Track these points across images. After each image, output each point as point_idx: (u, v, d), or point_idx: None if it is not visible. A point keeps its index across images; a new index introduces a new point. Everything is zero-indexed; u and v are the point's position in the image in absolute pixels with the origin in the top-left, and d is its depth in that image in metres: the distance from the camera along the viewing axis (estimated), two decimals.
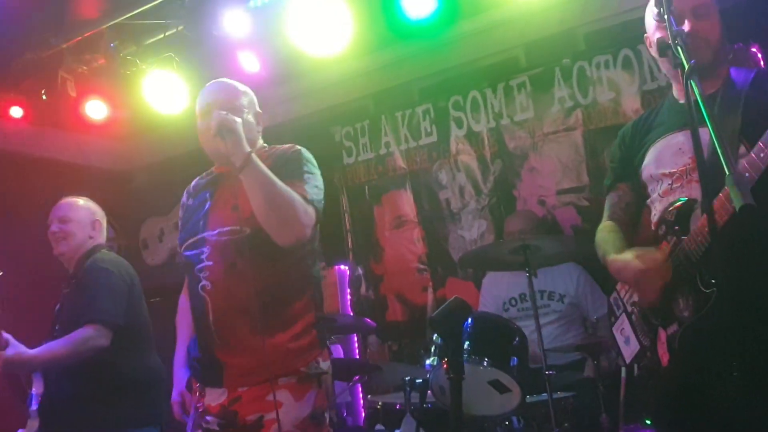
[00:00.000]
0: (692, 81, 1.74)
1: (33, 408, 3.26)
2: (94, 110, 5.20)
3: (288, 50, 4.34)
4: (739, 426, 1.90)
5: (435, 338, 3.37)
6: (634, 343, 2.34)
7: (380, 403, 3.95)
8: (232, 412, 2.37)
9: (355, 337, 5.53)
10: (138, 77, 4.73)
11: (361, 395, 5.27)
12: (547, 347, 3.50)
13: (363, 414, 5.19)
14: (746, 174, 1.88)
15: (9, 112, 5.09)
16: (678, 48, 1.84)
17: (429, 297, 5.25)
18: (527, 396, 3.27)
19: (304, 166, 2.51)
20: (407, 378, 3.48)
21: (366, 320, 4.57)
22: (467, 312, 1.80)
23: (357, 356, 5.44)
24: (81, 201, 3.59)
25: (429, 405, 3.49)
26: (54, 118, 5.44)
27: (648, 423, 3.29)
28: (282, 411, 2.31)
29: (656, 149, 2.32)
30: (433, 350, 3.31)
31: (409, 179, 5.40)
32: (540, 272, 3.99)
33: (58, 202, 3.56)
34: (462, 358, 1.73)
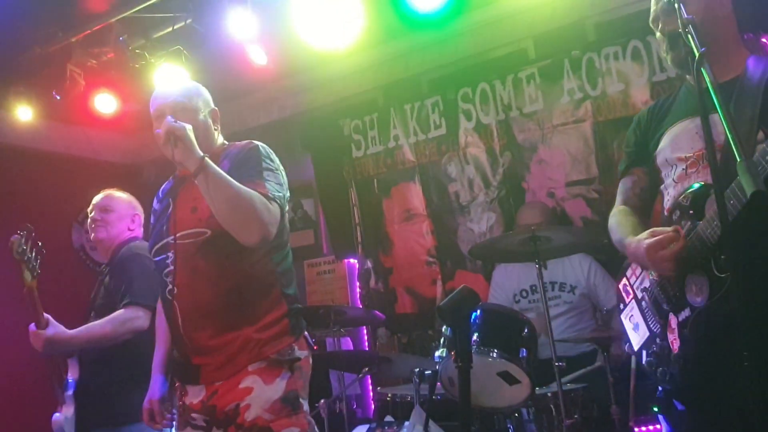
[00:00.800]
0: (703, 69, 1.72)
1: (69, 393, 3.34)
2: (104, 104, 5.21)
3: (296, 43, 4.33)
4: (751, 414, 1.89)
5: (444, 330, 3.36)
6: (644, 330, 2.32)
7: (390, 395, 3.96)
8: (211, 407, 2.40)
9: (365, 330, 5.54)
10: (147, 70, 4.74)
11: (371, 387, 5.28)
12: (558, 338, 3.49)
13: (373, 406, 5.20)
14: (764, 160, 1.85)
15: (17, 112, 5.11)
16: (688, 36, 1.83)
17: (438, 289, 5.26)
18: (537, 387, 3.26)
19: (263, 163, 2.46)
20: (416, 370, 3.48)
21: (375, 313, 4.57)
22: (475, 301, 1.79)
23: (366, 348, 5.45)
24: (124, 195, 3.71)
25: (438, 396, 3.49)
26: (63, 113, 5.46)
27: (655, 410, 3.28)
28: (252, 396, 2.33)
29: (672, 134, 2.30)
30: (442, 342, 3.30)
31: (418, 172, 5.40)
32: (550, 263, 3.98)
33: (102, 194, 3.66)
34: (470, 347, 1.73)
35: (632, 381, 3.50)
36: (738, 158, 1.52)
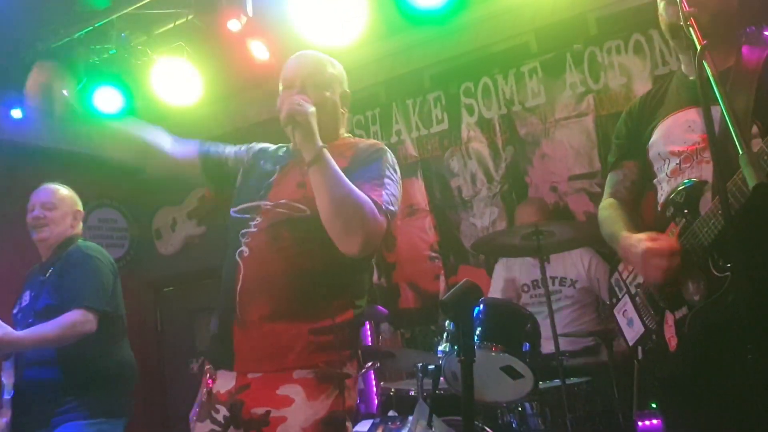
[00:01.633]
0: (704, 62, 1.71)
1: (6, 397, 3.20)
2: (107, 101, 5.20)
3: (298, 38, 4.32)
4: (753, 411, 1.88)
5: (447, 324, 3.36)
6: (638, 326, 2.29)
7: (393, 390, 3.97)
8: (239, 402, 2.11)
9: (368, 325, 5.55)
10: (149, 67, 4.74)
11: (374, 382, 5.29)
12: (561, 333, 3.49)
13: (376, 400, 5.21)
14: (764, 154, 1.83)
15: (18, 109, 5.10)
16: (690, 29, 1.82)
17: (441, 285, 5.26)
18: (540, 382, 3.27)
19: (386, 170, 2.27)
20: (420, 364, 3.48)
21: (378, 308, 4.57)
22: (478, 295, 1.79)
23: (370, 343, 5.46)
24: (65, 189, 3.56)
25: (441, 391, 3.49)
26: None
27: (654, 407, 3.28)
28: (291, 408, 2.05)
29: (665, 126, 2.26)
30: (446, 336, 3.30)
31: (421, 167, 5.40)
32: (552, 258, 3.98)
33: (40, 187, 3.52)
34: (473, 342, 1.73)
35: (636, 375, 3.50)
36: (740, 151, 1.52)
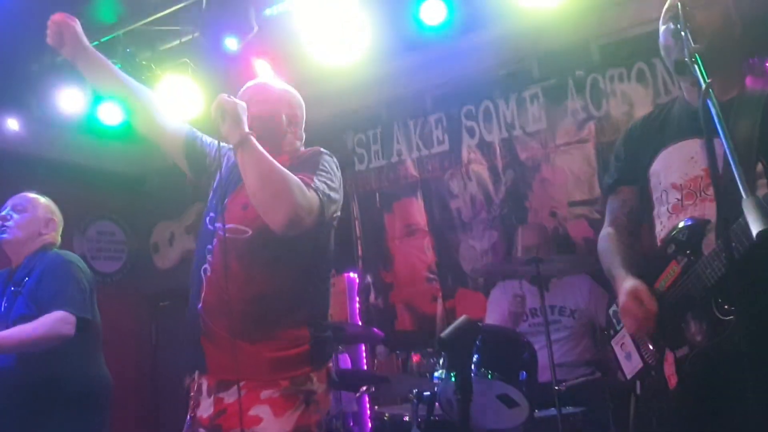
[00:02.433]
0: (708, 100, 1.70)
1: None
2: (109, 114, 5.21)
3: (302, 57, 4.34)
4: None
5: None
6: (637, 360, 2.28)
7: (387, 415, 3.94)
8: (218, 426, 2.27)
9: (363, 347, 5.51)
10: (153, 82, 4.75)
11: (368, 406, 5.24)
12: (558, 362, 3.47)
13: (370, 425, 5.17)
14: None
15: (21, 120, 5.10)
16: (695, 66, 1.81)
17: (438, 307, 5.23)
18: (536, 411, 3.25)
19: (321, 164, 2.37)
20: (415, 390, 3.45)
21: (374, 330, 4.55)
22: (476, 332, 1.78)
23: (365, 366, 5.42)
24: (42, 198, 3.53)
25: (436, 417, 3.47)
26: (68, 121, 5.45)
27: None
28: (260, 428, 2.20)
29: (666, 155, 2.23)
30: (442, 363, 3.29)
31: (421, 187, 5.40)
32: (551, 285, 3.97)
33: (19, 195, 3.49)
34: (471, 379, 1.71)
35: (632, 406, 3.47)
36: (744, 195, 1.50)
